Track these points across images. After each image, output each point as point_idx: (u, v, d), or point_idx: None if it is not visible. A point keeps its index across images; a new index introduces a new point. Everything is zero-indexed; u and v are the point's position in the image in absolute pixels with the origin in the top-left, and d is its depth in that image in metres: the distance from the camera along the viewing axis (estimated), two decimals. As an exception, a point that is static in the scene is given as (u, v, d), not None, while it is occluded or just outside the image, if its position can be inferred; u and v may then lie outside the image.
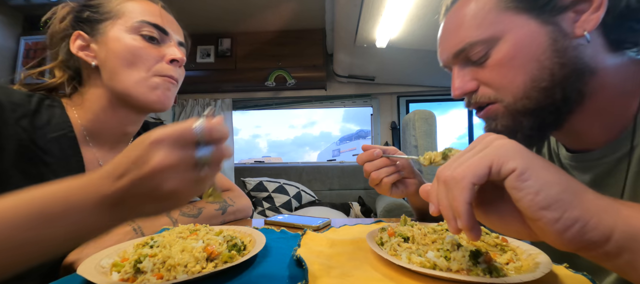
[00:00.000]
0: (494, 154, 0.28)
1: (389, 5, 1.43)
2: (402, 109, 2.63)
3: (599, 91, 0.42)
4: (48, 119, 0.55)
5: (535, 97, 0.42)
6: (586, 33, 0.39)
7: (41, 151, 0.52)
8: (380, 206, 1.88)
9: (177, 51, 0.60)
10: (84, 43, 0.58)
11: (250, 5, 2.05)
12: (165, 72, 0.59)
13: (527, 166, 0.26)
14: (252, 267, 0.41)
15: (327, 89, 2.58)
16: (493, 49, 0.43)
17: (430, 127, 1.79)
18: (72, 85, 0.61)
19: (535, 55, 0.41)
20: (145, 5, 0.60)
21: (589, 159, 0.46)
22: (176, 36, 0.62)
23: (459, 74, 0.47)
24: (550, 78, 0.41)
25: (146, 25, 0.57)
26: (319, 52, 2.41)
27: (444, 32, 0.49)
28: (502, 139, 0.30)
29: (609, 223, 0.26)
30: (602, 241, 0.26)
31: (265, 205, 2.20)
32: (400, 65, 2.20)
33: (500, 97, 0.44)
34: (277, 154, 29.75)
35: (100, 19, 0.58)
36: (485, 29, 0.43)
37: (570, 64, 0.40)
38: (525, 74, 0.41)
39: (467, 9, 0.45)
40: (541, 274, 0.35)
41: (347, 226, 0.62)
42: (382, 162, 0.57)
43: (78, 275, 0.36)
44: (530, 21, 0.41)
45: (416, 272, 0.37)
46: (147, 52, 0.57)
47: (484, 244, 0.43)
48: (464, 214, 0.28)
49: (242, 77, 2.43)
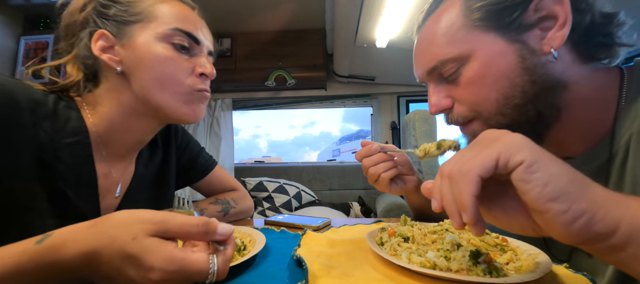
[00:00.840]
0: (502, 146, 0.28)
1: (389, 5, 1.43)
2: (402, 109, 2.63)
3: (574, 103, 0.42)
4: (64, 122, 0.50)
5: (510, 114, 0.42)
6: (553, 50, 0.39)
7: (54, 158, 0.48)
8: (380, 206, 1.88)
9: (207, 64, 0.56)
10: (108, 44, 0.52)
11: (250, 5, 2.05)
12: (198, 86, 0.55)
13: (535, 158, 0.26)
14: (252, 267, 0.41)
15: (327, 89, 2.58)
16: (464, 67, 0.43)
17: (430, 127, 1.79)
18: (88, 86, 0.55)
19: (505, 73, 0.41)
20: (179, 10, 0.54)
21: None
22: (207, 44, 0.58)
23: (434, 91, 0.48)
24: (521, 95, 0.41)
25: (179, 34, 0.52)
26: (319, 52, 2.41)
27: (416, 49, 0.50)
28: (509, 134, 0.30)
29: (616, 216, 0.26)
30: (609, 234, 0.26)
31: (265, 205, 2.20)
32: (400, 65, 2.19)
33: (476, 114, 0.44)
34: (277, 154, 29.70)
35: (130, 21, 0.52)
36: (455, 46, 0.43)
37: (540, 81, 0.40)
38: (497, 92, 0.42)
39: (437, 27, 0.45)
40: (541, 274, 0.35)
41: (347, 226, 0.62)
42: (380, 157, 0.57)
43: (78, 275, 0.36)
44: (498, 39, 0.41)
45: (416, 272, 0.37)
46: (178, 65, 0.52)
47: (484, 244, 0.43)
48: (470, 207, 0.27)
49: (242, 77, 2.43)
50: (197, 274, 0.28)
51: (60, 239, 0.29)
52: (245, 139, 79.03)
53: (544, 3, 0.40)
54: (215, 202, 0.72)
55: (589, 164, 0.43)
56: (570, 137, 0.45)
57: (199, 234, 0.30)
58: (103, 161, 0.55)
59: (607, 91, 0.42)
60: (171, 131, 0.71)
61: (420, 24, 0.50)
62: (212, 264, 0.29)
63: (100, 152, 0.54)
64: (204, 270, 0.28)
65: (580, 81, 0.42)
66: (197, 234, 0.30)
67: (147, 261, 0.26)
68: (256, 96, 2.62)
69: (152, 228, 0.28)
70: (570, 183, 0.26)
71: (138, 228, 0.27)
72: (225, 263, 0.30)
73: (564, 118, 0.43)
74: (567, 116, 0.43)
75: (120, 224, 0.28)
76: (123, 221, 0.28)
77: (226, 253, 0.31)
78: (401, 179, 0.61)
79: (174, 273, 0.27)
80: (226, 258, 0.30)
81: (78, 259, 0.28)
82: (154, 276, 0.26)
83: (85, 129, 0.52)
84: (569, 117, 0.43)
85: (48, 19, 2.20)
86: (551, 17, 0.40)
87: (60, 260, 0.28)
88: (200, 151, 0.79)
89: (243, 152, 10.75)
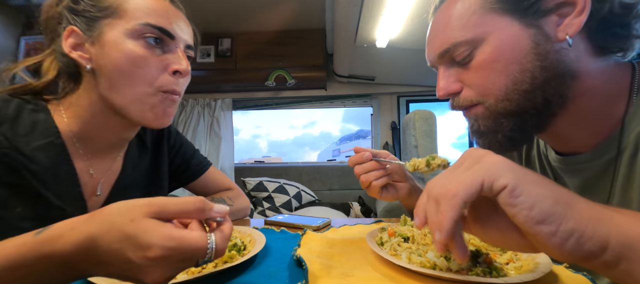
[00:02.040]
0: (485, 170, 0.28)
1: (389, 5, 1.43)
2: (402, 109, 2.63)
3: (583, 95, 0.42)
4: (31, 125, 0.50)
5: (516, 99, 0.42)
6: (568, 37, 0.39)
7: (27, 160, 0.47)
8: (380, 206, 1.88)
9: (182, 60, 0.53)
10: (78, 41, 0.50)
11: (250, 5, 2.05)
12: (168, 86, 0.52)
13: (517, 181, 0.26)
14: (252, 267, 0.41)
15: (327, 89, 2.58)
16: (476, 50, 0.43)
17: (430, 127, 1.78)
18: (68, 84, 0.54)
19: (517, 58, 0.41)
20: (150, 3, 0.51)
21: (578, 162, 0.46)
22: (184, 37, 0.55)
23: (444, 74, 0.47)
24: (531, 81, 0.41)
25: (149, 29, 0.50)
26: (319, 52, 2.41)
27: (431, 32, 0.49)
28: (491, 155, 0.29)
29: (604, 232, 0.26)
30: (600, 251, 0.26)
31: (265, 205, 2.20)
32: (400, 65, 2.19)
33: (483, 99, 0.44)
34: (277, 154, 29.74)
35: (98, 16, 0.50)
36: (469, 30, 0.43)
37: (551, 68, 0.40)
38: (507, 77, 0.41)
39: (453, 9, 0.45)
40: (541, 274, 0.35)
41: (347, 226, 0.62)
42: (371, 165, 0.56)
43: (78, 275, 0.36)
44: (514, 23, 0.41)
45: (416, 272, 0.37)
46: (148, 63, 0.50)
47: (484, 244, 0.43)
48: (446, 229, 0.27)
49: (242, 77, 2.42)
50: (195, 252, 0.28)
51: (58, 231, 0.29)
52: (245, 139, 79.21)
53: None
54: (211, 201, 0.72)
55: (598, 160, 0.43)
56: (577, 131, 0.45)
57: (195, 211, 0.30)
58: (82, 160, 0.55)
59: (617, 85, 0.42)
60: (164, 132, 0.71)
61: (437, 5, 0.49)
62: (210, 241, 0.29)
63: (77, 150, 0.54)
64: (202, 247, 0.28)
65: (591, 73, 0.41)
66: (194, 211, 0.30)
67: (145, 239, 0.26)
68: (256, 96, 2.62)
69: (150, 209, 0.28)
70: (555, 204, 0.26)
71: (136, 211, 0.27)
72: (223, 241, 0.30)
73: (571, 109, 0.42)
74: (574, 107, 0.42)
75: (118, 210, 0.28)
76: (121, 208, 0.28)
77: (224, 230, 0.31)
78: (393, 186, 0.61)
79: (172, 250, 0.27)
80: (224, 236, 0.30)
81: (76, 248, 0.28)
82: (152, 253, 0.26)
83: (55, 130, 0.51)
84: (577, 108, 0.42)
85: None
86: (570, 3, 0.39)
87: (58, 251, 0.28)
88: (194, 152, 0.79)
89: (243, 152, 10.78)
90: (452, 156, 0.86)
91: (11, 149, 0.47)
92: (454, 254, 0.29)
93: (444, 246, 0.29)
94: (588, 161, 0.45)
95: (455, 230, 0.28)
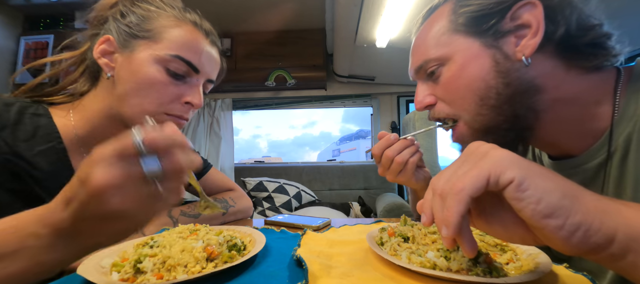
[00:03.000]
0: (490, 164, 0.28)
1: (389, 5, 1.43)
2: (402, 109, 2.63)
3: (556, 105, 0.43)
4: (33, 130, 0.50)
5: (487, 114, 0.44)
6: (524, 58, 0.41)
7: (29, 165, 0.48)
8: (380, 206, 1.88)
9: (197, 95, 0.55)
10: (110, 49, 0.53)
11: (250, 5, 2.05)
12: (175, 112, 0.54)
13: (524, 175, 0.26)
14: (252, 267, 0.41)
15: (327, 89, 2.58)
16: (444, 67, 0.47)
17: (430, 127, 1.78)
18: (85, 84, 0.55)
19: (479, 75, 0.44)
20: (190, 37, 0.54)
21: (570, 167, 0.47)
22: (208, 72, 0.57)
23: (420, 89, 0.52)
24: (496, 96, 0.43)
25: (177, 62, 0.53)
26: (319, 52, 2.41)
27: (411, 49, 0.53)
28: (497, 149, 0.30)
29: (611, 225, 0.26)
30: (607, 244, 0.26)
31: (265, 205, 2.20)
32: (400, 65, 2.19)
33: (457, 113, 0.47)
34: (277, 154, 29.75)
35: (137, 35, 0.53)
36: (439, 48, 0.47)
37: (514, 84, 0.42)
38: (474, 92, 0.44)
39: (429, 29, 0.49)
40: (541, 274, 0.35)
41: (347, 226, 0.62)
42: (402, 143, 0.55)
43: (78, 275, 0.36)
44: (475, 44, 0.44)
45: (416, 272, 0.37)
46: (164, 89, 0.53)
47: (484, 244, 0.43)
48: (453, 224, 0.27)
49: (242, 77, 2.43)
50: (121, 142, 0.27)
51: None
52: (246, 139, 78.86)
53: (519, 13, 0.42)
54: (214, 201, 0.72)
55: (590, 162, 0.44)
56: (563, 137, 0.46)
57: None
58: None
59: (600, 91, 0.43)
60: None
61: (418, 27, 0.53)
62: (133, 134, 0.27)
63: (81, 154, 0.55)
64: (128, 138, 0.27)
65: (564, 84, 0.43)
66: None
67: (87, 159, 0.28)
68: (256, 96, 2.62)
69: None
70: (563, 197, 0.26)
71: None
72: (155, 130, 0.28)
73: (547, 119, 0.44)
74: (550, 117, 0.44)
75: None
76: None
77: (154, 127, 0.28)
78: (421, 169, 0.59)
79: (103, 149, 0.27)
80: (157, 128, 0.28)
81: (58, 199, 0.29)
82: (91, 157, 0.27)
83: (57, 134, 0.52)
84: (554, 117, 0.44)
85: (48, 19, 2.20)
86: (526, 26, 0.42)
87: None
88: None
89: (243, 152, 10.78)
90: (451, 156, 0.86)
91: (12, 155, 0.47)
92: (462, 248, 0.29)
93: (452, 242, 0.29)
94: (580, 164, 0.45)
95: (462, 225, 0.28)
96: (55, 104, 0.56)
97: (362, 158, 5.89)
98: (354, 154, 31.16)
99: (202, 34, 0.57)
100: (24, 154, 0.48)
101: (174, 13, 0.55)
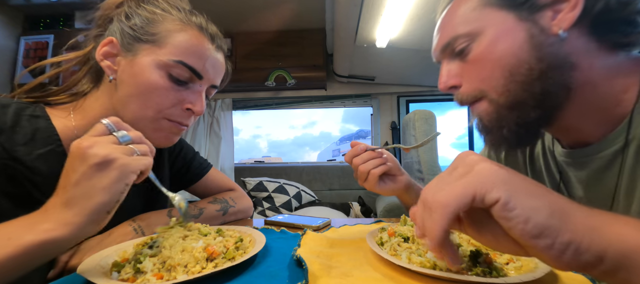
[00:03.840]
0: (476, 181, 0.27)
1: (389, 5, 1.43)
2: (402, 109, 2.63)
3: (586, 86, 0.42)
4: (32, 133, 0.49)
5: (514, 90, 0.43)
6: (561, 31, 0.40)
7: (28, 170, 0.47)
8: (380, 206, 1.88)
9: (199, 101, 0.55)
10: (113, 52, 0.52)
11: (250, 5, 2.05)
12: (176, 117, 0.53)
13: (510, 194, 0.26)
14: (252, 267, 0.41)
15: (327, 89, 2.58)
16: (474, 43, 0.45)
17: (430, 127, 1.78)
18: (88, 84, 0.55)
19: (511, 50, 0.42)
20: (195, 42, 0.53)
21: (585, 155, 0.46)
22: (211, 78, 0.56)
23: (446, 68, 0.49)
24: (528, 72, 0.42)
25: (180, 67, 0.51)
26: (319, 52, 2.41)
27: (437, 29, 0.52)
28: (484, 163, 0.29)
29: (601, 243, 0.26)
30: (597, 262, 0.26)
31: (265, 205, 2.20)
32: (400, 65, 2.19)
33: (483, 90, 0.45)
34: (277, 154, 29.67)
35: (141, 39, 0.51)
36: (468, 24, 0.45)
37: (547, 59, 0.41)
38: (503, 68, 0.43)
39: (457, 8, 0.47)
40: (541, 274, 0.35)
41: (347, 226, 0.62)
42: (368, 155, 0.58)
43: (78, 275, 0.36)
44: (509, 17, 0.43)
45: (416, 272, 0.37)
46: (165, 95, 0.52)
47: (484, 244, 0.43)
48: (436, 239, 0.28)
49: (242, 77, 2.42)
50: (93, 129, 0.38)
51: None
52: (246, 139, 79.04)
53: None
54: (213, 202, 0.72)
55: (605, 151, 0.43)
56: (585, 122, 0.45)
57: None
58: None
59: (626, 77, 0.42)
60: None
61: (445, 6, 0.51)
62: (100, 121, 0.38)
63: None
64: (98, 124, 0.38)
65: (595, 66, 0.42)
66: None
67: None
68: (256, 96, 2.62)
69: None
70: (550, 216, 0.26)
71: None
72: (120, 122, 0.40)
73: (576, 100, 0.43)
74: (580, 98, 0.43)
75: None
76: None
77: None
78: (390, 178, 0.61)
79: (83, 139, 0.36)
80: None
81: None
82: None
83: (56, 137, 0.51)
84: (581, 99, 0.43)
85: (48, 19, 2.20)
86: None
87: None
88: (195, 154, 0.79)
89: (243, 152, 10.77)
90: (451, 156, 0.85)
91: (10, 160, 0.46)
92: (446, 261, 0.29)
93: (439, 253, 0.29)
94: (595, 152, 0.45)
95: (445, 240, 0.28)
96: (54, 104, 0.55)
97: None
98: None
99: (207, 38, 0.55)
100: (23, 158, 0.46)
101: (180, 16, 0.54)
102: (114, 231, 0.52)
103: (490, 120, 0.46)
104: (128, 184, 0.37)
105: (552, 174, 0.53)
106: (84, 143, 0.35)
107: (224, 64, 0.60)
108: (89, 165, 0.35)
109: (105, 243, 0.49)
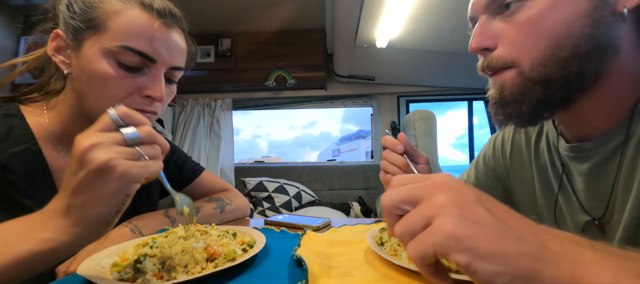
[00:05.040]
0: (435, 243, 0.25)
1: (389, 5, 1.43)
2: (402, 109, 2.63)
3: (615, 74, 0.40)
4: (6, 131, 0.48)
5: (551, 66, 0.40)
6: (626, 10, 0.37)
7: (2, 169, 0.46)
8: (380, 206, 1.88)
9: (158, 87, 0.49)
10: (62, 45, 0.49)
11: (250, 5, 2.05)
12: (136, 106, 0.49)
13: (469, 259, 0.24)
14: (252, 267, 0.42)
15: (327, 89, 2.58)
16: (528, 2, 0.40)
17: (430, 127, 1.79)
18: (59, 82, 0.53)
19: (567, 20, 0.38)
20: (138, 22, 0.48)
21: (587, 149, 0.46)
22: (168, 59, 0.51)
23: (482, 27, 0.44)
24: (573, 48, 0.39)
25: (127, 53, 0.47)
26: (319, 52, 2.41)
27: None
28: (443, 217, 0.25)
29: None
30: None
31: (265, 205, 2.20)
32: (400, 65, 2.20)
33: (517, 60, 0.41)
34: (277, 154, 29.76)
35: (82, 27, 0.47)
36: None
37: (598, 38, 0.38)
38: (549, 39, 0.39)
39: None
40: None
41: (347, 226, 0.62)
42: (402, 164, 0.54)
43: (78, 275, 0.36)
44: None
45: (416, 272, 0.37)
46: (118, 84, 0.48)
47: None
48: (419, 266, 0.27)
49: (242, 77, 2.43)
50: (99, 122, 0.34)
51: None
52: (246, 139, 78.91)
53: None
54: (209, 201, 0.72)
55: (606, 145, 0.43)
56: (595, 113, 0.43)
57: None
58: (60, 159, 0.53)
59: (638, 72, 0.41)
60: None
61: None
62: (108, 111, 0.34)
63: (59, 153, 0.53)
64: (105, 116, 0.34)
65: (629, 54, 0.40)
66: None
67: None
68: (256, 96, 2.62)
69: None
70: (513, 280, 0.23)
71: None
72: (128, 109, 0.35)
73: (599, 88, 0.41)
74: (603, 86, 0.41)
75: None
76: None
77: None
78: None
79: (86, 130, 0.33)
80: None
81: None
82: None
83: (31, 135, 0.50)
84: (605, 88, 0.41)
85: (48, 19, 2.20)
86: None
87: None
88: (187, 158, 0.80)
89: (243, 152, 10.77)
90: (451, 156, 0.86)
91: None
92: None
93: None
94: (597, 147, 0.44)
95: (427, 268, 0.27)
96: (28, 103, 0.54)
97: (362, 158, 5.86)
98: (354, 154, 31.13)
99: (153, 15, 0.49)
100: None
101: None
102: (110, 234, 0.52)
103: (512, 92, 0.42)
104: (129, 195, 0.35)
105: (556, 167, 0.53)
106: (85, 142, 0.32)
107: (179, 42, 0.53)
108: (87, 171, 0.31)
109: (103, 245, 0.49)
